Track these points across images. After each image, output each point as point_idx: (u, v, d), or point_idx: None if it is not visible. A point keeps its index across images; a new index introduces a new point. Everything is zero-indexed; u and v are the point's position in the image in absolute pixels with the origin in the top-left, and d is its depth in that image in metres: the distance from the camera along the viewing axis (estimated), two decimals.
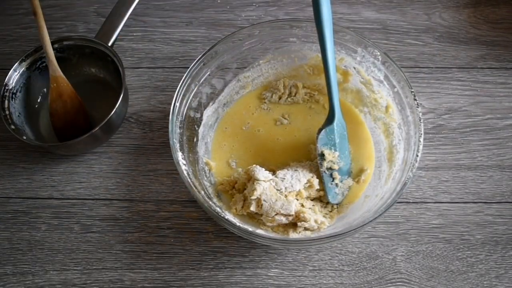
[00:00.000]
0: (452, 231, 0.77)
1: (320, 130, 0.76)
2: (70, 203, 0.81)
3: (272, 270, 0.75)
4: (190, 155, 0.77)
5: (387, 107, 0.79)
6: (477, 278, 0.74)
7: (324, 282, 0.74)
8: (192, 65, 0.77)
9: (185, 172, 0.71)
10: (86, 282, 0.75)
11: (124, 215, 0.79)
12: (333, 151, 0.75)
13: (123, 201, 0.81)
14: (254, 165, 0.75)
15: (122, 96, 0.80)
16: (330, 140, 0.75)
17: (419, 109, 0.72)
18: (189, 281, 0.75)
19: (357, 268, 0.75)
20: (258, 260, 0.76)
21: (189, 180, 0.71)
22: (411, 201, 0.79)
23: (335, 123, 0.75)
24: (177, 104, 0.75)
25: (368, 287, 0.74)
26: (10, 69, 0.83)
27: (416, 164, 0.69)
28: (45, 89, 0.87)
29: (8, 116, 0.81)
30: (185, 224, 0.79)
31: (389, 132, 0.79)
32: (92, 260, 0.76)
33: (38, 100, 0.87)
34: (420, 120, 0.72)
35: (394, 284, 0.74)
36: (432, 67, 0.90)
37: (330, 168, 0.76)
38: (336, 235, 0.66)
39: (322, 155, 0.75)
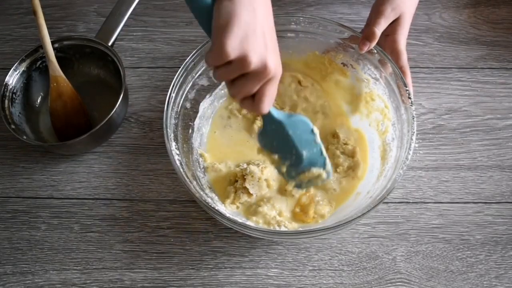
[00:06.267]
0: (452, 231, 0.77)
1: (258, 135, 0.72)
2: (70, 202, 0.81)
3: (272, 270, 0.75)
4: (185, 146, 0.77)
5: (382, 105, 0.79)
6: (477, 278, 0.74)
7: (324, 282, 0.74)
8: (189, 57, 0.77)
9: (177, 162, 0.71)
10: (86, 281, 0.75)
11: (124, 215, 0.79)
12: (273, 153, 0.71)
13: (123, 201, 0.80)
14: (246, 164, 0.77)
15: (122, 96, 0.80)
16: (268, 143, 0.71)
17: (413, 107, 0.73)
18: (189, 281, 0.75)
19: (357, 268, 0.75)
20: (258, 260, 0.76)
21: (181, 170, 0.71)
22: (411, 201, 0.79)
23: (265, 127, 0.69)
24: (173, 95, 0.75)
25: (368, 287, 0.74)
26: (10, 69, 0.83)
27: (407, 162, 0.69)
28: (45, 89, 0.87)
29: (8, 116, 0.81)
30: (185, 224, 0.78)
31: (383, 130, 0.79)
32: (92, 259, 0.76)
33: (38, 100, 0.87)
34: (413, 118, 0.72)
35: (394, 284, 0.74)
36: (432, 67, 0.90)
37: (279, 169, 0.73)
38: (325, 229, 0.67)
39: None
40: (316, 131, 0.70)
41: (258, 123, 0.82)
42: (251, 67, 0.54)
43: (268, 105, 0.60)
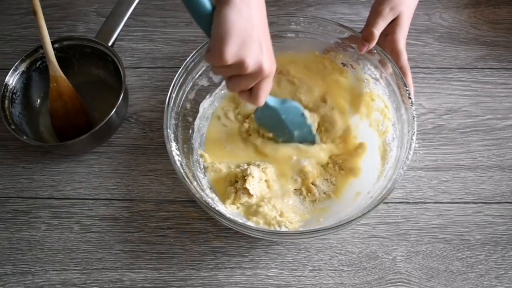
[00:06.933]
0: (452, 232, 0.77)
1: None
2: (70, 203, 0.81)
3: (272, 270, 0.75)
4: (185, 146, 0.77)
5: (382, 105, 0.79)
6: (477, 278, 0.74)
7: (324, 282, 0.74)
8: (189, 57, 0.77)
9: (178, 163, 0.71)
10: (86, 282, 0.75)
11: (124, 215, 0.79)
12: (268, 131, 0.80)
13: (123, 201, 0.81)
14: (246, 165, 0.77)
15: (122, 96, 0.80)
16: (264, 123, 0.80)
17: (413, 107, 0.72)
18: (189, 281, 0.75)
19: (357, 268, 0.75)
20: (258, 260, 0.76)
21: (181, 170, 0.71)
22: (411, 201, 0.79)
23: (262, 111, 0.76)
24: (173, 95, 0.75)
25: (368, 287, 0.74)
26: (10, 69, 0.83)
27: (408, 162, 0.69)
28: (45, 89, 0.87)
29: (8, 116, 0.81)
30: (185, 224, 0.79)
31: (384, 130, 0.79)
32: (92, 260, 0.76)
33: (38, 100, 0.87)
34: (413, 118, 0.72)
35: (394, 284, 0.74)
36: (432, 68, 0.90)
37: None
38: (324, 229, 0.67)
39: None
40: (307, 114, 0.78)
41: (246, 125, 0.82)
42: (248, 70, 0.59)
43: (264, 98, 0.66)
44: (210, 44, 0.59)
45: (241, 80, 0.61)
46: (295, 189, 0.78)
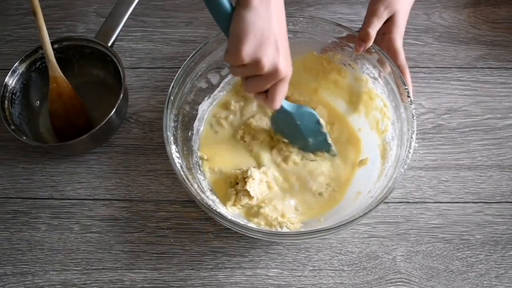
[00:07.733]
0: (452, 231, 0.77)
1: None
2: (70, 203, 0.81)
3: (272, 270, 0.75)
4: (185, 148, 0.77)
5: (381, 104, 0.79)
6: (477, 278, 0.74)
7: (324, 282, 0.74)
8: (187, 59, 0.77)
9: (178, 165, 0.71)
10: (86, 282, 0.75)
11: (124, 215, 0.79)
12: (283, 137, 0.80)
13: (123, 201, 0.81)
14: (248, 167, 0.77)
15: (122, 96, 0.80)
16: (279, 129, 0.80)
17: (412, 106, 0.72)
18: (189, 281, 0.75)
19: (357, 268, 0.75)
20: (258, 260, 0.76)
21: (182, 173, 0.71)
22: (411, 201, 0.79)
23: (277, 116, 0.77)
24: (172, 98, 0.75)
25: (368, 287, 0.74)
26: (10, 70, 0.83)
27: (408, 161, 0.69)
28: (45, 89, 0.87)
29: (8, 116, 0.81)
30: (185, 224, 0.79)
31: (383, 129, 0.79)
32: (92, 260, 0.76)
33: (38, 100, 0.87)
34: (413, 117, 0.72)
35: (394, 284, 0.74)
36: (432, 67, 0.90)
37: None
38: (326, 229, 0.66)
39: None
40: (322, 122, 0.78)
41: (240, 132, 0.82)
42: (264, 70, 0.60)
43: (279, 101, 0.67)
44: (228, 44, 0.61)
45: (258, 80, 0.63)
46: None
